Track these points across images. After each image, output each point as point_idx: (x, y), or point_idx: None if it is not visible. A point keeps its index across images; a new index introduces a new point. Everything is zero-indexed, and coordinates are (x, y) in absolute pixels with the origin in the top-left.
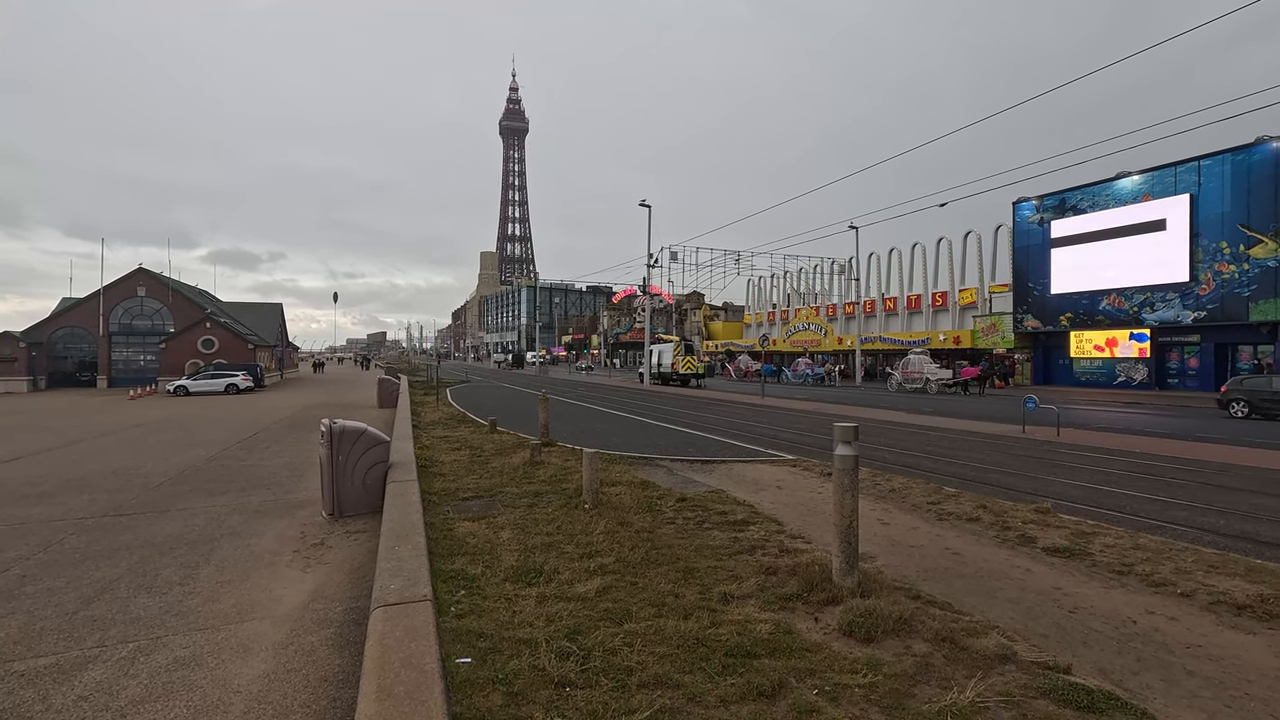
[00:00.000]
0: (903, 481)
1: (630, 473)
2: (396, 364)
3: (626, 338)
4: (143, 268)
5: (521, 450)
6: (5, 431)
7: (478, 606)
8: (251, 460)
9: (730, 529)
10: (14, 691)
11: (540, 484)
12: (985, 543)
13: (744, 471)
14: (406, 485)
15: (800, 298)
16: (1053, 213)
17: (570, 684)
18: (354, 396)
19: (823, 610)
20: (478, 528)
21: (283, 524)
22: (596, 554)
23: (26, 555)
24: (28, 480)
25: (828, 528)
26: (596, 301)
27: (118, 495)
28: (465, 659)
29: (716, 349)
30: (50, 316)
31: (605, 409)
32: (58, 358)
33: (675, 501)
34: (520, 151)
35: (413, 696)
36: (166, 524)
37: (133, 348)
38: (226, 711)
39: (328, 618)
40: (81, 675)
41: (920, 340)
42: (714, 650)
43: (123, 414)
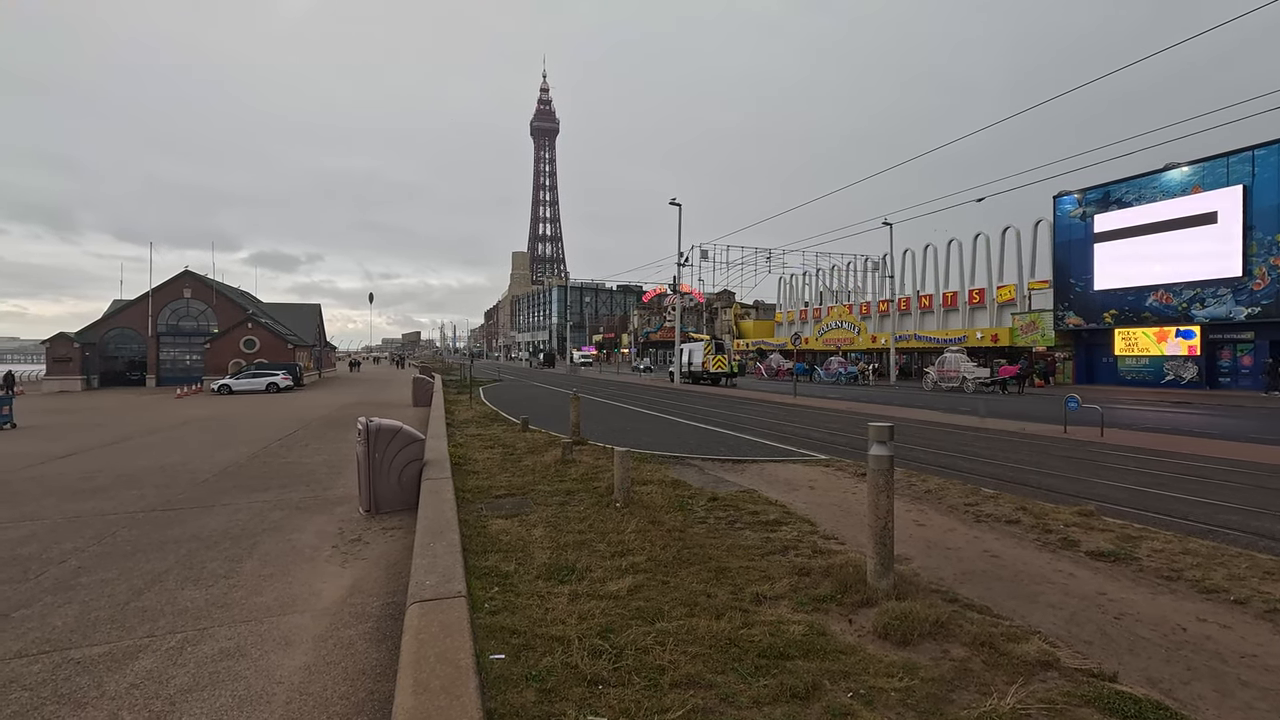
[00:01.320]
0: (939, 482)
1: (661, 472)
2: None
3: (657, 337)
4: (188, 270)
5: (553, 449)
6: (62, 428)
7: (511, 603)
8: (291, 457)
9: (762, 529)
10: (70, 678)
11: (572, 482)
12: (1025, 545)
13: (776, 471)
14: (441, 483)
15: (833, 295)
16: (1096, 206)
17: (603, 682)
18: (389, 395)
19: (857, 612)
20: (510, 525)
21: (321, 520)
22: (628, 553)
23: (82, 547)
24: (83, 475)
25: (862, 529)
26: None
27: (166, 490)
28: (499, 655)
29: (747, 348)
30: (102, 318)
31: (635, 408)
32: (109, 357)
33: (707, 501)
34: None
35: (448, 691)
36: (212, 519)
37: (179, 348)
38: (270, 702)
39: (365, 612)
40: (133, 664)
41: (956, 338)
42: (747, 651)
43: (170, 412)
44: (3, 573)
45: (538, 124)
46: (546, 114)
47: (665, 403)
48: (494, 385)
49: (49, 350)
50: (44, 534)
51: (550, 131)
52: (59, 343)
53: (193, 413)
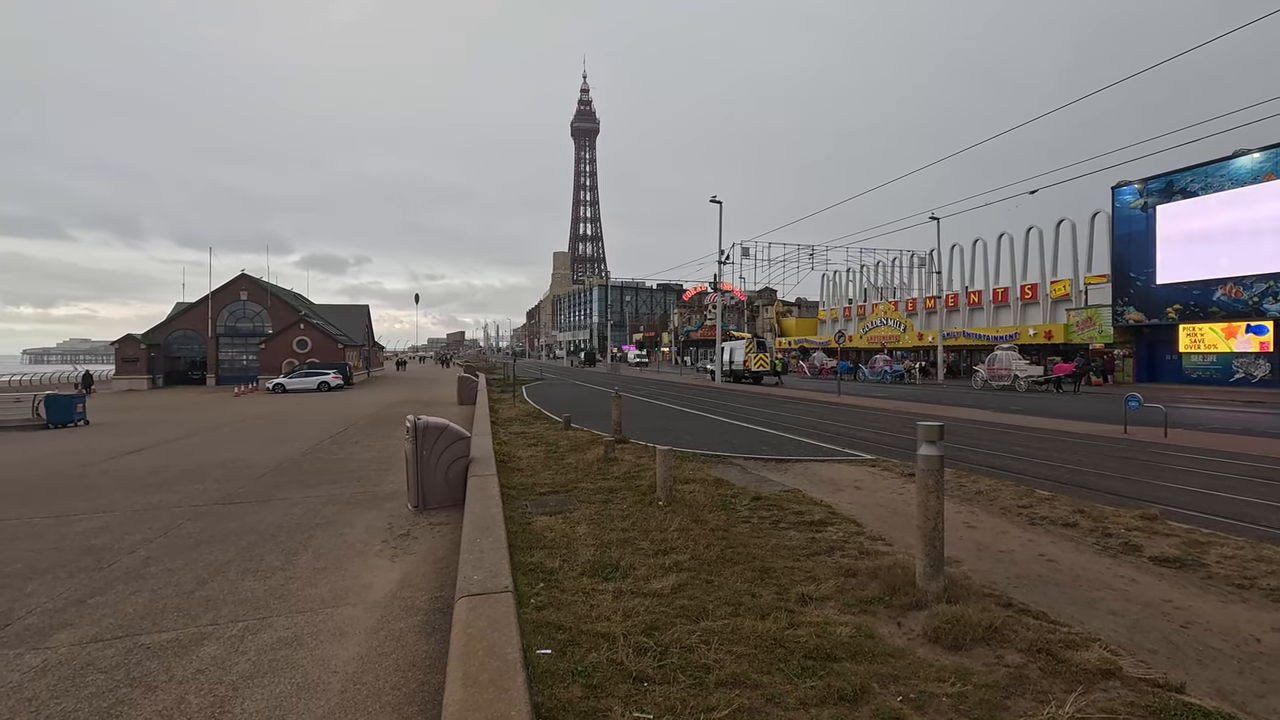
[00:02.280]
0: (990, 483)
1: (703, 471)
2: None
3: (697, 335)
4: (245, 274)
5: (595, 447)
6: (131, 425)
7: (556, 599)
8: (342, 454)
9: (807, 529)
10: (141, 663)
11: (614, 480)
12: (1084, 550)
13: (820, 471)
14: (486, 480)
15: (878, 292)
16: (1158, 196)
17: (648, 679)
18: (435, 394)
19: (906, 615)
20: (554, 522)
21: (372, 515)
22: (671, 551)
23: (150, 539)
24: (150, 470)
25: (909, 530)
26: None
27: (226, 485)
28: (545, 650)
29: (790, 346)
30: (166, 320)
31: (676, 406)
32: (173, 357)
33: (750, 500)
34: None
35: (496, 684)
36: (269, 513)
37: (236, 348)
38: (326, 690)
39: (414, 605)
40: (198, 650)
41: (1008, 335)
42: (792, 651)
43: (228, 410)
44: (80, 561)
45: (578, 124)
46: (587, 114)
47: (706, 401)
48: (536, 384)
49: (118, 351)
50: (115, 525)
51: (590, 131)
52: (127, 344)
53: (249, 410)
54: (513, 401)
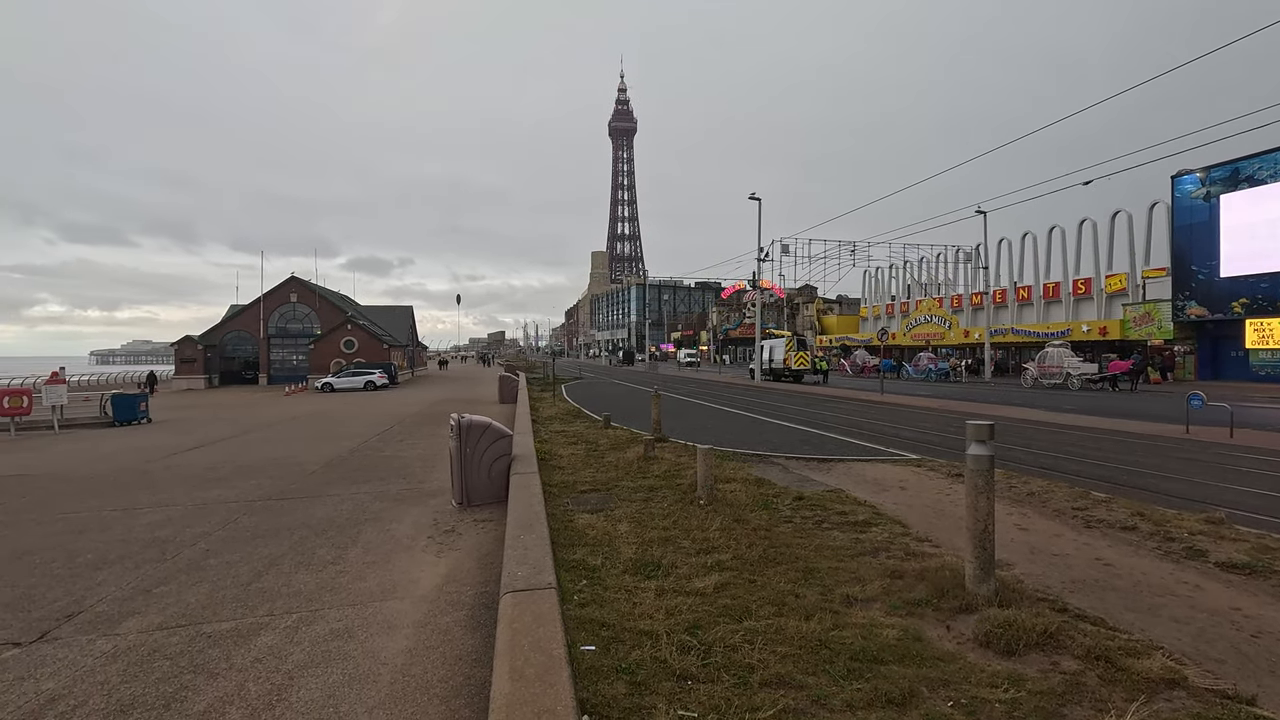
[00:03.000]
0: (1042, 484)
1: (744, 470)
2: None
3: (736, 333)
4: (294, 277)
5: (635, 445)
6: (190, 423)
7: (599, 596)
8: (389, 451)
9: (851, 529)
10: (203, 650)
11: (654, 479)
12: (1143, 554)
13: (864, 470)
14: (528, 477)
15: (922, 289)
16: (1222, 185)
17: (692, 678)
18: (477, 392)
19: (955, 618)
20: (596, 520)
21: (417, 511)
22: (713, 550)
23: (209, 532)
24: (208, 466)
25: (957, 531)
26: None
27: (279, 481)
28: (589, 647)
29: (830, 344)
30: (221, 322)
31: (716, 405)
32: (227, 358)
33: (792, 500)
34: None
35: (542, 679)
36: (319, 508)
37: (286, 348)
38: (376, 681)
39: (460, 600)
40: (256, 640)
41: (1059, 332)
42: (838, 653)
43: (280, 409)
44: (146, 553)
45: (616, 124)
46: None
47: (746, 400)
48: (575, 383)
49: (177, 351)
50: (177, 519)
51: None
52: (185, 345)
53: (299, 409)
54: (552, 400)
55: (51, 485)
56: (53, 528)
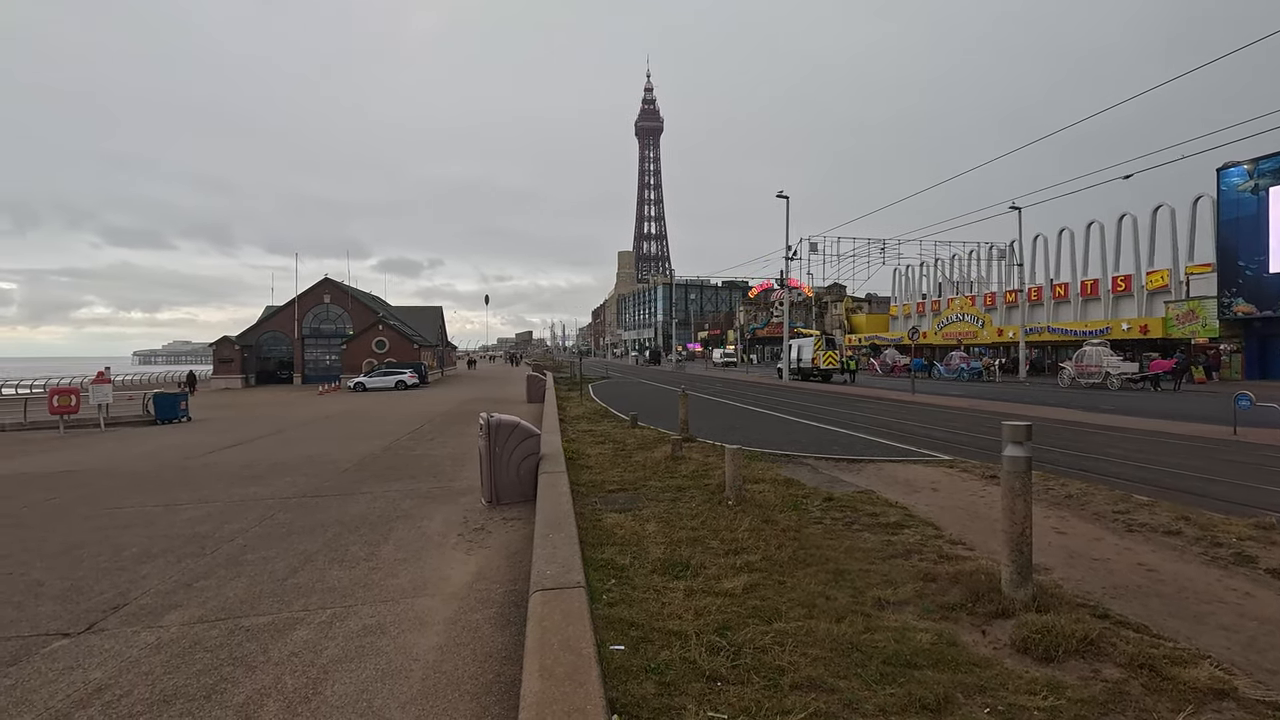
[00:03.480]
0: (1081, 487)
1: (773, 470)
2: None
3: (764, 333)
4: (328, 278)
5: (662, 445)
6: (227, 422)
7: (628, 596)
8: (419, 450)
9: (882, 531)
10: (241, 644)
11: (682, 479)
12: (1189, 560)
13: (895, 471)
14: (557, 476)
15: (953, 286)
16: (1271, 177)
17: (721, 679)
18: (505, 392)
19: (990, 623)
20: (624, 520)
21: (448, 509)
22: (742, 551)
23: (246, 528)
24: (245, 463)
25: (992, 534)
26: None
27: (314, 478)
28: (619, 646)
29: (860, 343)
30: (257, 323)
31: (743, 405)
32: (263, 358)
33: (822, 501)
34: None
35: (572, 678)
36: (353, 505)
37: (320, 348)
38: (408, 677)
39: (490, 598)
40: (291, 634)
41: (1098, 330)
42: (870, 657)
43: (314, 407)
44: (186, 548)
45: (642, 123)
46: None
47: (774, 400)
48: (602, 382)
49: (215, 351)
50: (216, 515)
51: (654, 130)
52: (222, 345)
53: (333, 408)
54: (580, 400)
55: (98, 481)
56: (99, 522)
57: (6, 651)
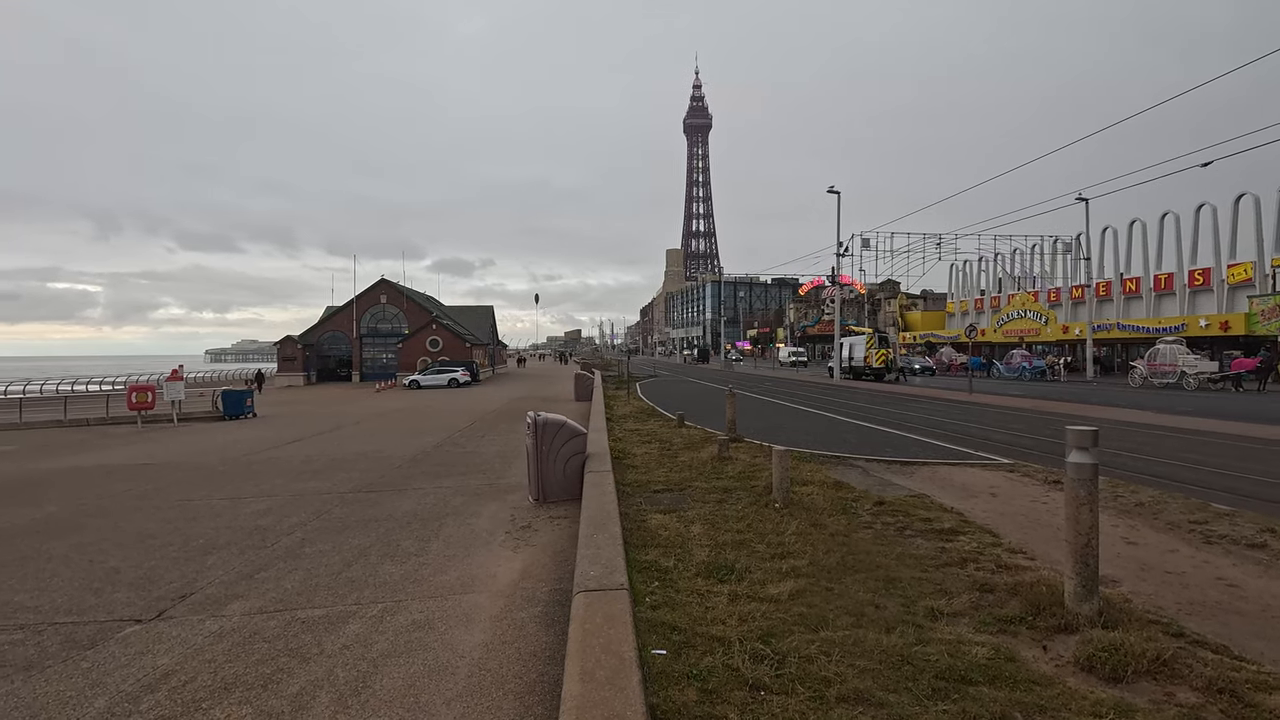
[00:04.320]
0: (1154, 494)
1: (822, 472)
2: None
3: (814, 330)
4: (384, 279)
5: (709, 445)
6: (289, 418)
7: (671, 599)
8: (470, 447)
9: (936, 538)
10: (297, 635)
11: (729, 480)
12: (1274, 575)
13: (950, 475)
14: (602, 476)
15: (1014, 282)
16: None
17: (765, 688)
18: (553, 390)
19: (1052, 638)
20: (669, 521)
21: (495, 506)
22: (788, 555)
23: (304, 522)
24: (305, 459)
25: (1054, 543)
26: (782, 294)
27: (368, 474)
28: (660, 651)
29: (914, 341)
30: (318, 323)
31: (792, 404)
32: (324, 356)
33: (872, 505)
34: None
35: (613, 682)
36: (404, 501)
37: (377, 347)
38: (454, 673)
39: (535, 596)
40: (344, 627)
41: (1173, 327)
42: (921, 670)
43: (370, 405)
44: (248, 540)
45: (690, 121)
46: (699, 110)
47: (824, 399)
48: (650, 381)
49: (279, 350)
50: (277, 508)
51: (703, 128)
52: (286, 344)
53: (388, 405)
54: (627, 398)
55: (170, 474)
56: (170, 514)
57: (85, 635)
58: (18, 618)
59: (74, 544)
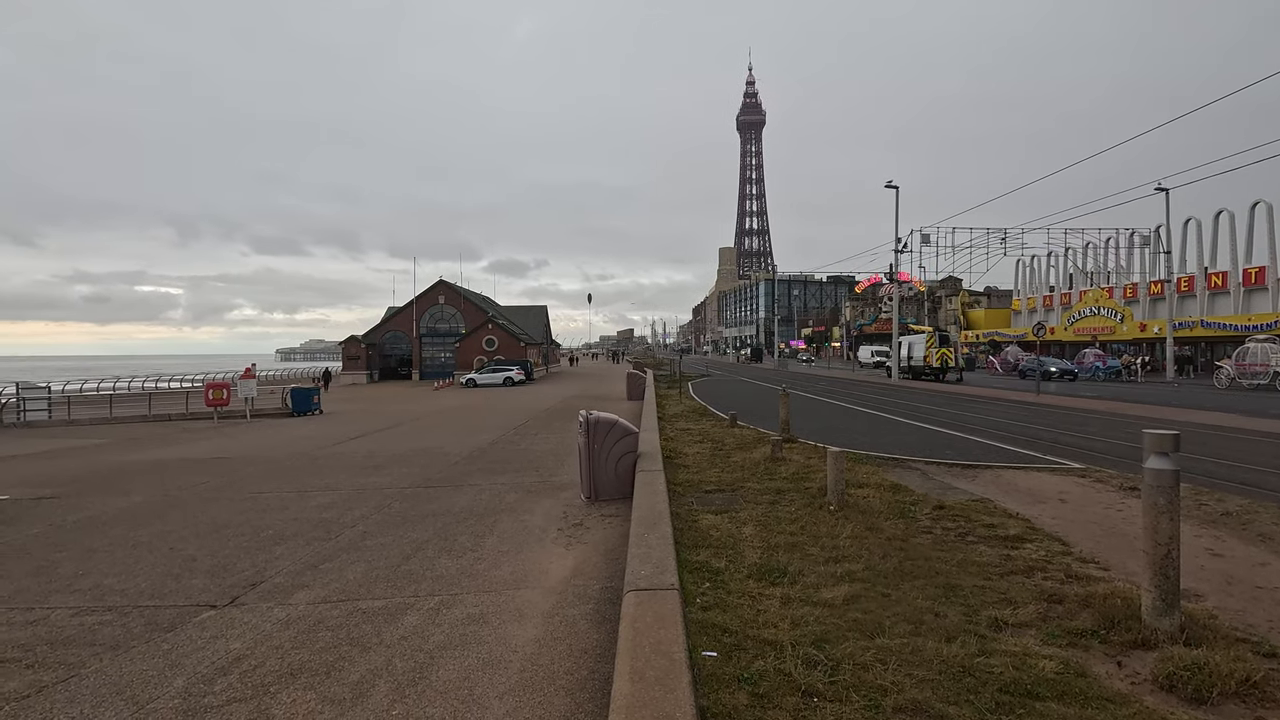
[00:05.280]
0: (1242, 503)
1: (878, 474)
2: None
3: (871, 329)
4: (442, 280)
5: (762, 445)
6: (353, 415)
7: (722, 601)
8: (524, 445)
9: (1000, 544)
10: (358, 625)
11: (782, 481)
12: None
13: (1015, 479)
14: (653, 475)
15: (1086, 278)
16: None
17: (818, 695)
18: (605, 389)
19: (1128, 654)
20: (720, 521)
21: (548, 503)
22: (843, 559)
23: (367, 515)
24: (367, 454)
25: (1130, 553)
26: (838, 292)
27: (427, 470)
28: (711, 653)
29: (977, 340)
30: (380, 323)
31: (848, 404)
32: (385, 355)
33: (932, 509)
34: (757, 145)
35: (663, 683)
36: (461, 497)
37: (435, 346)
38: (507, 668)
39: (586, 594)
40: (402, 619)
41: (1265, 324)
42: (984, 683)
43: (429, 402)
44: (314, 532)
45: (744, 118)
46: (753, 107)
47: (881, 399)
48: (702, 380)
49: (343, 349)
50: (340, 502)
51: (756, 124)
52: (350, 344)
53: (446, 403)
54: (679, 398)
55: (243, 468)
56: (243, 505)
57: (165, 619)
58: (107, 600)
59: (156, 532)
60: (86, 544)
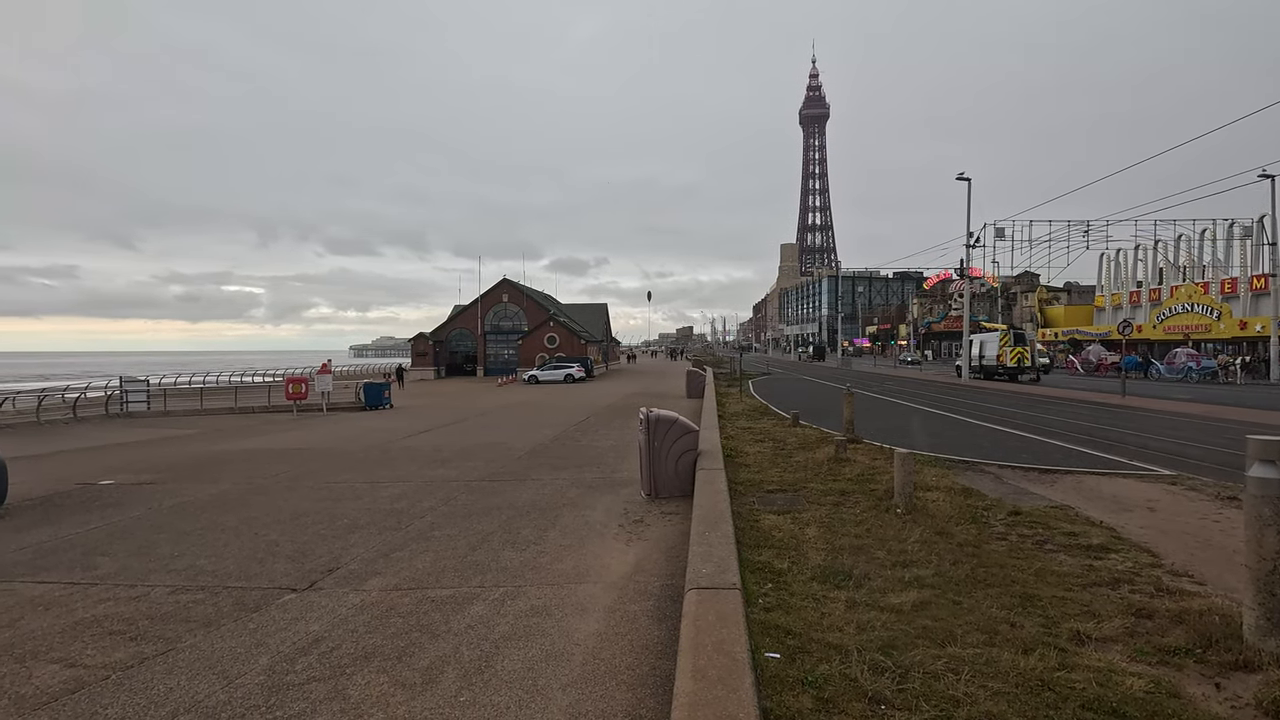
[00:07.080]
0: None
1: (948, 478)
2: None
3: (940, 327)
4: (506, 279)
5: (825, 446)
6: (421, 410)
7: (784, 602)
8: (585, 441)
9: (1082, 554)
10: (428, 613)
11: (846, 482)
12: None
13: (1098, 485)
14: (714, 473)
15: (1178, 272)
16: None
17: (886, 702)
18: (665, 387)
19: (1227, 676)
20: (782, 522)
21: (609, 499)
22: (911, 564)
23: (435, 507)
24: (434, 448)
25: (1229, 567)
26: (904, 289)
27: (492, 464)
28: (774, 654)
29: (1056, 338)
30: (446, 321)
31: (915, 405)
32: (452, 352)
33: (1006, 515)
34: (820, 139)
35: (725, 682)
36: (524, 491)
37: (499, 344)
38: (569, 660)
39: (647, 590)
40: (469, 608)
41: None
42: (1065, 698)
43: (493, 398)
44: (385, 521)
45: (807, 111)
46: (816, 100)
47: (951, 400)
48: (762, 379)
49: (412, 346)
50: (410, 494)
51: (820, 118)
52: (418, 341)
53: (509, 399)
54: (739, 396)
55: (320, 459)
56: (319, 494)
57: (251, 600)
58: (199, 580)
59: (242, 518)
60: (181, 527)
